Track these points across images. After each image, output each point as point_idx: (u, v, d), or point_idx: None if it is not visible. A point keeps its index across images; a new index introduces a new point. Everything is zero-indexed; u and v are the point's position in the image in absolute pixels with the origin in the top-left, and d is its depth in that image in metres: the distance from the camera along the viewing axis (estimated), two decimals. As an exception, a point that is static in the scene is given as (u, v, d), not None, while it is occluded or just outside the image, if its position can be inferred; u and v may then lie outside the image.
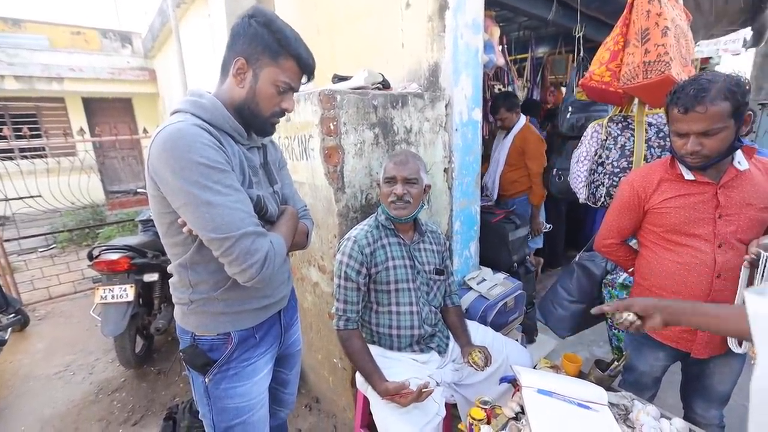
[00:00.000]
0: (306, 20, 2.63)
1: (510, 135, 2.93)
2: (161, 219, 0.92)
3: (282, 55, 0.91)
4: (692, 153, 1.11)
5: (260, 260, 0.86)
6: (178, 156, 0.80)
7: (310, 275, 1.95)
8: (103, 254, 2.38)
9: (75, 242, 5.43)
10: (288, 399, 1.32)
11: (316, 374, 2.17)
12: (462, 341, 1.50)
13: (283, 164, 1.21)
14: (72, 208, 4.69)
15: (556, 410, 1.06)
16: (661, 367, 1.38)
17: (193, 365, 1.00)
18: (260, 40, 0.89)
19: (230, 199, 0.83)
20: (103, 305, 2.31)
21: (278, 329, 1.14)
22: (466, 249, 2.11)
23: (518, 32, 4.02)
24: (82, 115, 8.20)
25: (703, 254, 1.17)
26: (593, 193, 1.65)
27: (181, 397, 2.28)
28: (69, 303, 3.74)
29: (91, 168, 4.53)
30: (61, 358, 2.78)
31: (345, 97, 1.51)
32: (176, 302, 1.01)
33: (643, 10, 1.40)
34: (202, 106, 0.90)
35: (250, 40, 0.90)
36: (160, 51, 7.41)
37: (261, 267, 0.86)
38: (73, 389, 2.43)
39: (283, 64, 0.92)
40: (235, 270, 0.86)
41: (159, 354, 2.78)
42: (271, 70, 0.92)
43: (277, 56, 0.91)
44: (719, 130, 1.06)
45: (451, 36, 1.76)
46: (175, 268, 0.97)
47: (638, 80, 1.40)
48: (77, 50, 7.84)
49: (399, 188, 1.37)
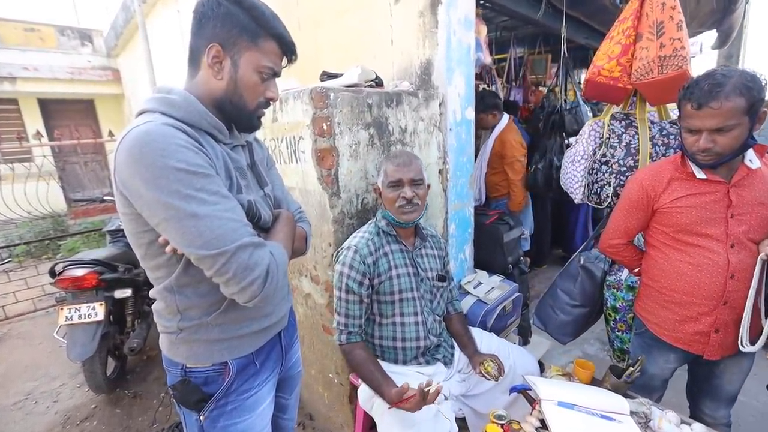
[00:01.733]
0: (286, 14, 2.49)
1: (491, 137, 2.89)
2: (138, 240, 0.78)
3: (261, 37, 0.80)
4: (704, 150, 1.09)
5: (261, 275, 0.74)
6: (150, 163, 0.67)
7: (302, 286, 1.84)
8: (67, 270, 2.16)
9: (34, 255, 5.04)
10: (288, 425, 1.20)
11: (309, 390, 2.05)
12: (469, 350, 1.43)
13: (272, 163, 1.09)
14: (29, 218, 4.33)
15: (580, 424, 1.01)
16: (670, 369, 1.36)
17: (186, 402, 0.87)
18: (234, 20, 0.77)
19: (218, 208, 0.71)
20: (68, 326, 2.09)
21: (279, 351, 1.02)
22: (462, 252, 2.05)
23: (496, 32, 4.04)
24: (39, 118, 7.68)
25: (716, 255, 1.15)
26: (597, 193, 1.62)
27: (161, 423, 2.10)
28: (28, 322, 3.43)
29: (50, 174, 4.20)
30: (20, 386, 2.52)
31: (339, 95, 1.41)
32: (162, 331, 0.88)
33: (658, 2, 1.36)
34: (172, 102, 0.77)
35: (222, 21, 0.77)
36: (124, 49, 7.03)
37: (264, 283, 0.74)
38: (35, 420, 2.20)
39: (264, 47, 0.81)
40: (234, 290, 0.73)
41: (133, 375, 2.56)
42: (252, 55, 0.80)
43: (257, 38, 0.79)
44: (733, 127, 1.03)
45: (444, 32, 1.70)
46: (159, 292, 0.83)
47: (652, 75, 1.36)
48: (32, 48, 7.31)
49: (408, 191, 1.29)
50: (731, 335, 1.19)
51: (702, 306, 1.19)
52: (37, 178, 3.84)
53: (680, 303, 1.23)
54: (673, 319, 1.26)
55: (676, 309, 1.25)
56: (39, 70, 7.04)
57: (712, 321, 1.19)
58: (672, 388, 1.45)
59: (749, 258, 1.12)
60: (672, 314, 1.26)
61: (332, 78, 1.67)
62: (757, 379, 1.35)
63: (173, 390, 0.88)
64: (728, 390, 1.31)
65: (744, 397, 1.97)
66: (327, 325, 1.71)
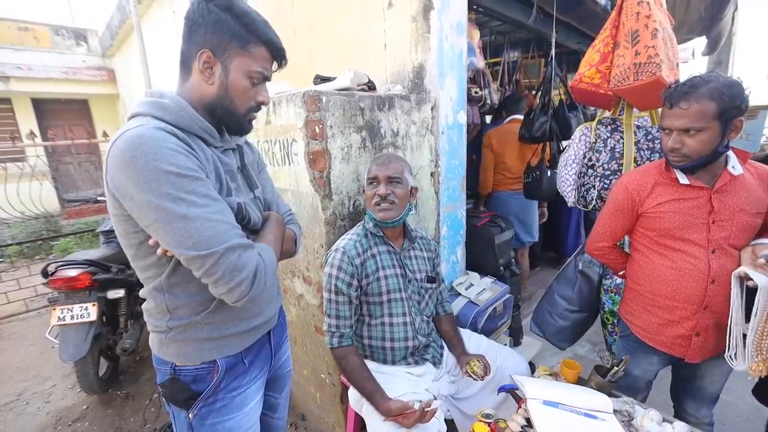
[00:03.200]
0: (282, 20, 2.52)
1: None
2: (128, 240, 0.80)
3: (252, 42, 0.82)
4: (672, 150, 1.11)
5: (249, 276, 0.75)
6: (142, 166, 0.68)
7: (294, 287, 1.85)
8: (60, 270, 2.16)
9: (26, 256, 5.01)
10: (278, 424, 1.22)
11: (301, 390, 2.07)
12: (457, 351, 1.45)
13: (263, 167, 1.10)
14: (22, 218, 4.30)
15: (564, 422, 1.03)
16: (654, 371, 1.38)
17: (175, 400, 0.88)
18: (225, 27, 0.79)
19: (208, 210, 0.73)
20: (61, 327, 2.09)
21: (268, 351, 1.04)
22: (453, 254, 2.08)
23: (491, 36, 4.08)
24: (32, 118, 7.63)
25: (697, 260, 1.17)
26: (583, 196, 1.65)
27: (152, 424, 2.10)
28: (20, 323, 3.41)
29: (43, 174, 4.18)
30: (11, 387, 2.51)
31: (331, 99, 1.43)
32: (152, 330, 0.89)
33: (633, 12, 1.40)
34: (164, 107, 0.78)
35: (213, 28, 0.79)
36: (119, 50, 7.01)
37: (252, 284, 0.76)
38: (26, 421, 2.19)
39: (254, 52, 0.82)
40: (222, 290, 0.75)
41: (126, 376, 2.56)
42: (242, 61, 0.82)
43: (247, 44, 0.81)
44: (700, 129, 1.05)
45: (437, 37, 1.72)
46: (149, 292, 0.85)
47: (629, 82, 1.40)
48: (25, 47, 7.27)
49: (382, 188, 1.31)
50: (712, 339, 1.21)
51: (683, 310, 1.22)
52: (30, 178, 3.81)
53: (663, 307, 1.26)
54: (656, 322, 1.28)
55: (658, 312, 1.27)
56: (33, 70, 7.00)
57: (693, 325, 1.21)
58: (657, 387, 1.48)
59: (730, 264, 1.14)
60: (655, 318, 1.28)
61: (325, 81, 1.69)
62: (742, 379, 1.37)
63: (162, 388, 0.89)
64: (710, 391, 1.34)
65: (729, 397, 2.01)
66: (319, 325, 1.72)
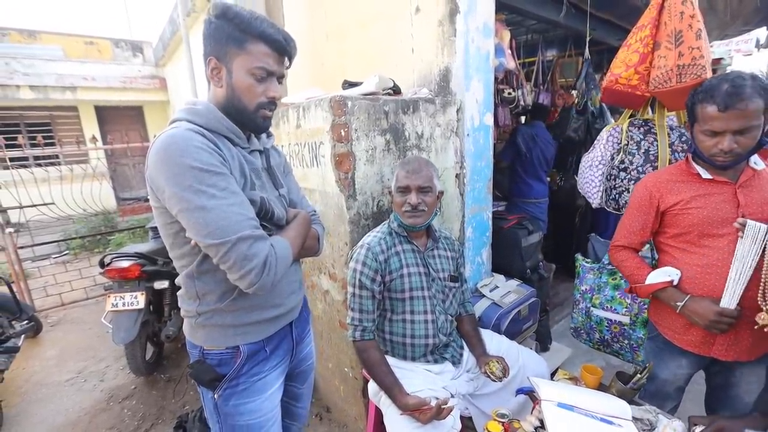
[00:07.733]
0: (315, 27, 2.64)
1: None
2: (166, 230, 0.90)
3: (247, 40, 0.86)
4: (728, 151, 1.09)
5: (258, 265, 0.82)
6: (171, 162, 0.78)
7: (320, 283, 1.93)
8: (114, 262, 2.39)
9: (87, 249, 5.50)
10: (301, 413, 1.29)
11: (326, 383, 2.15)
12: (477, 351, 1.47)
13: (289, 170, 1.18)
14: (84, 215, 4.74)
15: (578, 425, 1.02)
16: (684, 375, 1.33)
17: (201, 381, 0.98)
18: (222, 32, 0.86)
19: (225, 203, 0.80)
20: (114, 313, 2.31)
21: (290, 342, 1.11)
22: (479, 255, 2.07)
23: (526, 36, 4.00)
24: (95, 123, 8.34)
25: (726, 255, 1.13)
26: (615, 199, 1.60)
27: (191, 405, 2.27)
28: (81, 309, 3.77)
29: (103, 175, 4.59)
30: (73, 365, 2.80)
31: (356, 103, 1.49)
32: (184, 315, 0.99)
33: (677, 11, 1.35)
34: (196, 112, 0.89)
35: (214, 36, 0.87)
36: (170, 59, 7.52)
37: (261, 272, 0.83)
38: (84, 396, 2.44)
39: (251, 49, 0.87)
40: (235, 276, 0.83)
41: (169, 361, 2.78)
42: (242, 59, 0.87)
43: (243, 43, 0.86)
44: (755, 127, 1.06)
45: (462, 40, 1.75)
46: (182, 279, 0.95)
47: (671, 84, 1.35)
48: (90, 60, 7.99)
49: (413, 198, 1.34)
50: (746, 338, 1.16)
51: None
52: (91, 179, 4.19)
53: None
54: (682, 322, 1.24)
55: None
56: (96, 80, 7.65)
57: None
58: (691, 400, 1.41)
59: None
60: (682, 317, 1.24)
61: (353, 86, 1.76)
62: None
63: (190, 368, 0.99)
64: (746, 401, 1.26)
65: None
66: (343, 321, 1.79)
